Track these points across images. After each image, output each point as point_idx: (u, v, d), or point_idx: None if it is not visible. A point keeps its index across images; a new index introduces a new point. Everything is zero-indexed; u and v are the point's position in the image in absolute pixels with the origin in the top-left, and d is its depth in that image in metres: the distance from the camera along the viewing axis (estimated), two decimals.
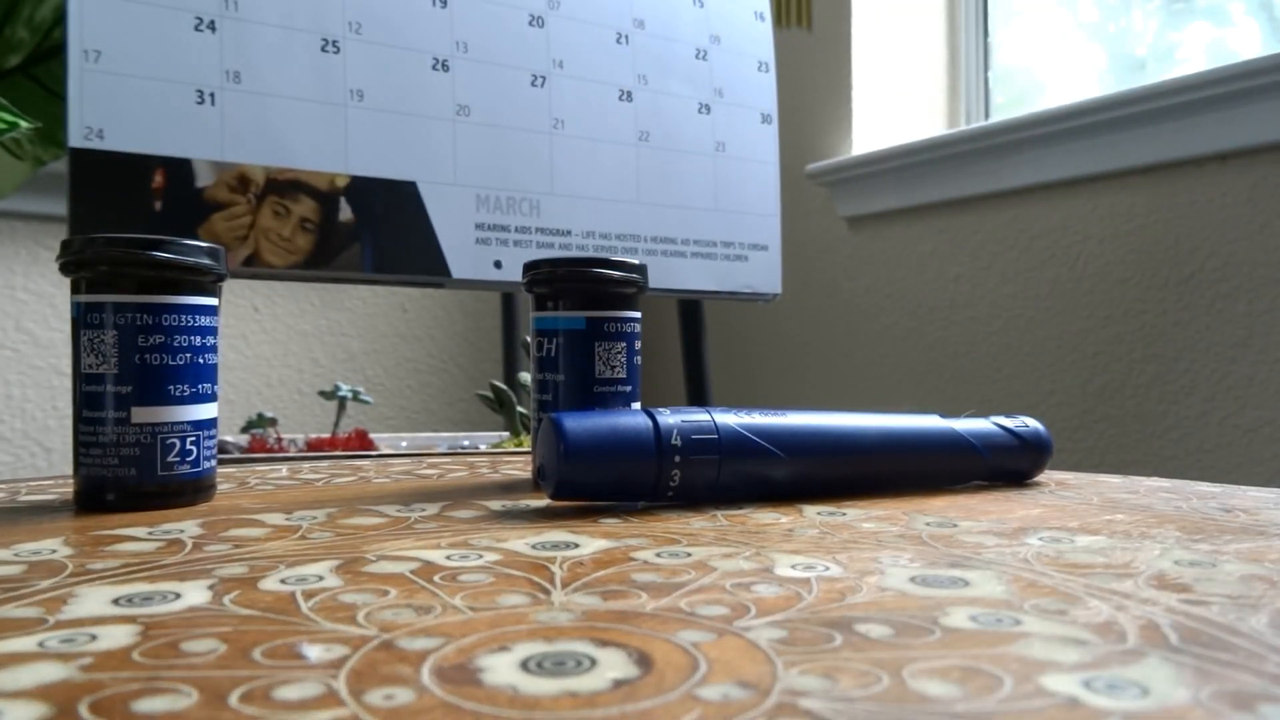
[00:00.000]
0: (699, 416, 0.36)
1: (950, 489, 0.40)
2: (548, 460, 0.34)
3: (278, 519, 0.34)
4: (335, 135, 0.62)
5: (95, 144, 0.55)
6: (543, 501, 0.37)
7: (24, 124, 0.65)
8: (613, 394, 0.42)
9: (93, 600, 0.23)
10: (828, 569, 0.25)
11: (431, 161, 0.65)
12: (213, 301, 0.38)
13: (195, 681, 0.17)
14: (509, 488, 0.42)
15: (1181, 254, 1.04)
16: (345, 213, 0.62)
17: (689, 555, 0.27)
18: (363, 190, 0.63)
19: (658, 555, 0.28)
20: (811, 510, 0.35)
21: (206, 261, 0.37)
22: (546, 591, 0.23)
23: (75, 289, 0.36)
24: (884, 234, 1.39)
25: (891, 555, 0.27)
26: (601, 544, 0.29)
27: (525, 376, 0.94)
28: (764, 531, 0.31)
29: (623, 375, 0.43)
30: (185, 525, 0.32)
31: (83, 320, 0.36)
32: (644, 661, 0.18)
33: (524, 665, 0.18)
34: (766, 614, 0.21)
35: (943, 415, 0.41)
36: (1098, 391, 1.12)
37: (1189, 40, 1.21)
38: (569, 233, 0.70)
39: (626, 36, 0.74)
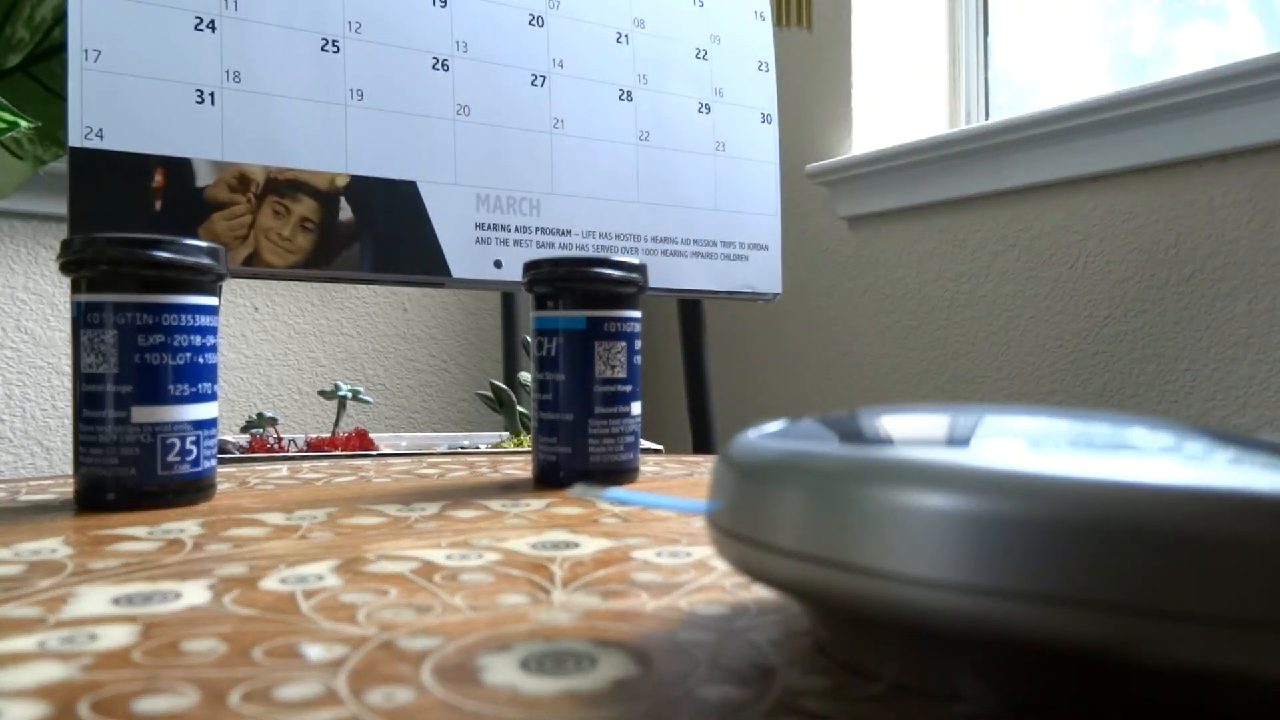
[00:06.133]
0: None
1: None
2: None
3: (278, 519, 0.34)
4: (335, 135, 0.62)
5: (95, 143, 0.55)
6: (543, 501, 0.37)
7: (24, 123, 0.65)
8: (613, 394, 0.43)
9: (93, 600, 0.23)
10: None
11: (431, 161, 0.65)
12: (213, 301, 0.38)
13: (195, 681, 0.17)
14: (509, 488, 0.42)
15: (1181, 254, 1.04)
16: (345, 212, 0.62)
17: (689, 555, 0.27)
18: (363, 190, 0.63)
19: (658, 555, 0.28)
20: None
21: (206, 261, 0.37)
22: (547, 591, 0.23)
23: (75, 289, 0.36)
24: (884, 234, 1.39)
25: None
26: (601, 543, 0.29)
27: (525, 376, 0.94)
28: None
29: (623, 375, 0.43)
30: (185, 525, 0.32)
31: (83, 320, 0.36)
32: (644, 661, 0.18)
33: (524, 664, 0.18)
34: (766, 613, 0.21)
35: None
36: (1098, 391, 1.12)
37: (1189, 40, 1.21)
38: (569, 232, 0.70)
39: (626, 36, 0.74)
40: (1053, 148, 1.14)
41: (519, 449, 0.79)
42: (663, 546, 0.29)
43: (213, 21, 0.59)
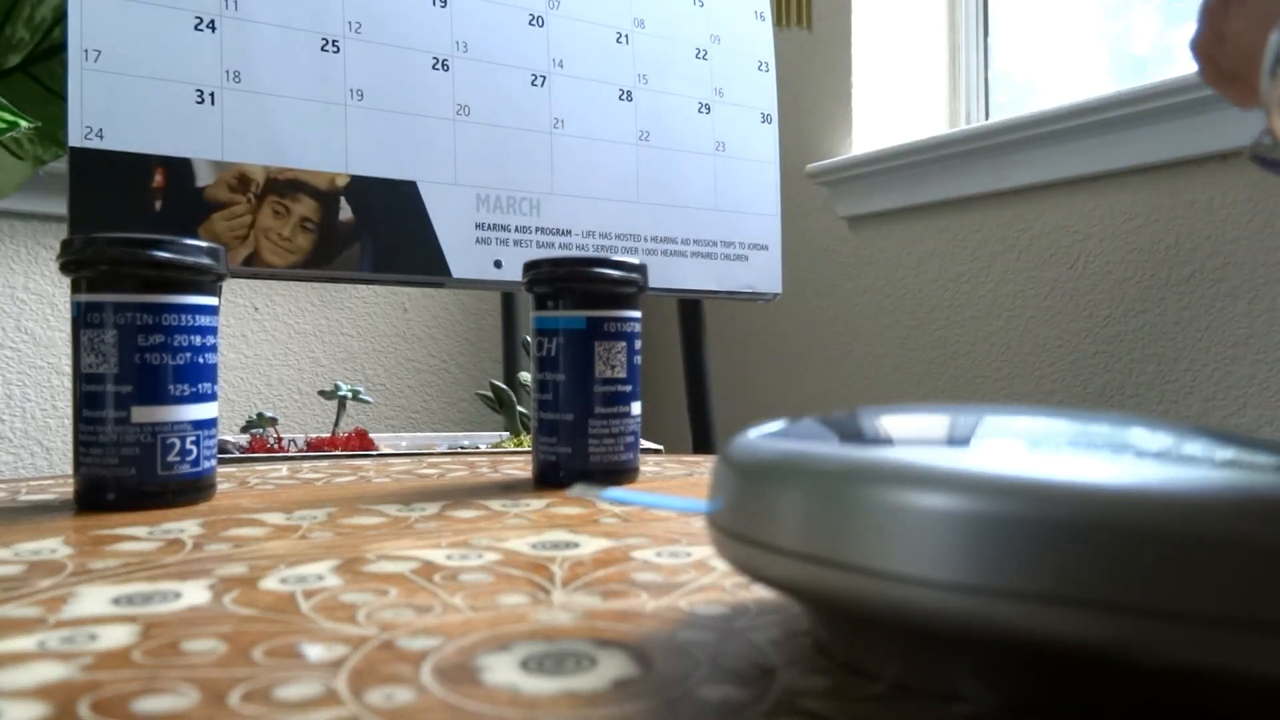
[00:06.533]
0: None
1: None
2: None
3: (278, 518, 0.34)
4: (335, 135, 0.62)
5: (95, 143, 0.55)
6: (543, 501, 0.37)
7: (24, 123, 0.65)
8: (613, 394, 0.42)
9: (93, 600, 0.23)
10: None
11: (431, 161, 0.65)
12: (213, 301, 0.38)
13: (195, 681, 0.17)
14: (509, 488, 0.42)
15: (1181, 254, 1.04)
16: (345, 212, 0.62)
17: (689, 555, 0.27)
18: (363, 190, 0.63)
19: (658, 555, 0.28)
20: None
21: (206, 261, 0.37)
22: (547, 591, 0.23)
23: (75, 289, 0.36)
24: (884, 234, 1.39)
25: None
26: (601, 543, 0.29)
27: (525, 376, 0.94)
28: None
29: (623, 375, 0.43)
30: (185, 525, 0.32)
31: (83, 320, 0.36)
32: (644, 661, 0.18)
33: (524, 664, 0.18)
34: (766, 613, 0.21)
35: None
36: (1098, 391, 1.12)
37: (1189, 40, 1.21)
38: (569, 232, 0.70)
39: (626, 36, 0.74)
40: (1053, 148, 1.14)
41: (519, 449, 0.79)
42: (663, 546, 0.29)
43: (213, 21, 0.59)
